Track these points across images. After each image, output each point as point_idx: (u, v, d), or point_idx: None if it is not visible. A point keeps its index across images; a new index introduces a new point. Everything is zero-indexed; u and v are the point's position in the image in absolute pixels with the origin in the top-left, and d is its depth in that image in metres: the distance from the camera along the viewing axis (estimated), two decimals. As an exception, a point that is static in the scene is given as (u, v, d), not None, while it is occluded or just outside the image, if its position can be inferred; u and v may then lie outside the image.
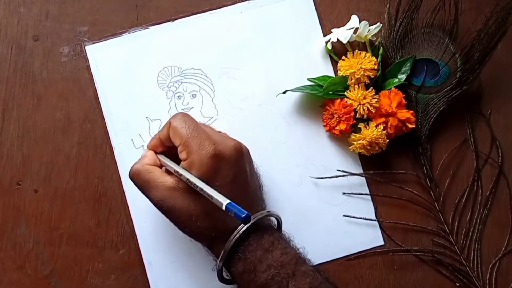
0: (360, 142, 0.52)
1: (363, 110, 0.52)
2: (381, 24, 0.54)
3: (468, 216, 0.55)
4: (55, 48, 0.55)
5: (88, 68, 0.55)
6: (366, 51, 0.54)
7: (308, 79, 0.55)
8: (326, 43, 0.55)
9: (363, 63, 0.52)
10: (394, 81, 0.53)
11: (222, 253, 0.45)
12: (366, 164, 0.55)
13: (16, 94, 0.54)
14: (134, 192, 0.53)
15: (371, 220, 0.54)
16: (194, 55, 0.55)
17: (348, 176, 0.54)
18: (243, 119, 0.55)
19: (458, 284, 0.54)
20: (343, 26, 0.54)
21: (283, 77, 0.55)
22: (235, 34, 0.56)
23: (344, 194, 0.54)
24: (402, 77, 0.53)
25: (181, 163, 0.46)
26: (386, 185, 0.54)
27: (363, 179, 0.55)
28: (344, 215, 0.54)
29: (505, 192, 0.55)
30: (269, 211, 0.47)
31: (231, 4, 0.56)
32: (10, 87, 0.54)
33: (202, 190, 0.43)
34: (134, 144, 0.54)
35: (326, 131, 0.54)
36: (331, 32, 0.55)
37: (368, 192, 0.54)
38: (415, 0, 0.54)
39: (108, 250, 0.54)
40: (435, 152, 0.55)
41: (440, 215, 0.54)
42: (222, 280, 0.47)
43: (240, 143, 0.48)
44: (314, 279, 0.44)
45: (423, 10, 0.54)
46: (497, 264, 0.54)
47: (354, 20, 0.54)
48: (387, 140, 0.52)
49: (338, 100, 0.53)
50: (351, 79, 0.52)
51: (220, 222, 0.45)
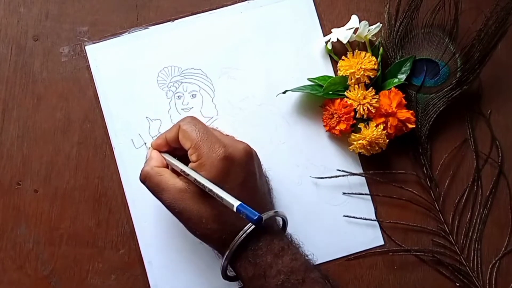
0: (360, 142, 0.52)
1: (363, 110, 0.52)
2: (381, 24, 0.54)
3: (468, 216, 0.55)
4: (55, 48, 0.55)
5: (88, 68, 0.55)
6: (366, 51, 0.54)
7: (308, 79, 0.55)
8: (326, 43, 0.55)
9: (363, 63, 0.52)
10: (394, 81, 0.53)
11: (228, 251, 0.45)
12: (366, 164, 0.55)
13: (16, 94, 0.54)
14: (134, 192, 0.53)
15: (371, 220, 0.54)
16: (194, 55, 0.55)
17: (348, 176, 0.54)
18: (243, 119, 0.55)
19: (458, 284, 0.54)
20: (343, 26, 0.54)
21: (283, 77, 0.55)
22: (235, 34, 0.56)
23: (344, 194, 0.54)
24: (402, 77, 0.53)
25: (190, 165, 0.46)
26: (386, 185, 0.54)
27: (363, 179, 0.55)
28: (344, 215, 0.54)
29: (505, 192, 0.55)
30: (276, 211, 0.47)
31: (231, 4, 0.56)
32: (10, 87, 0.54)
33: (211, 191, 0.43)
34: (134, 144, 0.54)
35: (326, 131, 0.54)
36: (331, 32, 0.54)
37: (368, 192, 0.54)
38: (415, 0, 0.54)
39: (108, 250, 0.54)
40: (435, 152, 0.55)
41: (440, 215, 0.54)
42: (226, 277, 0.47)
43: (249, 146, 0.48)
44: (324, 287, 0.44)
45: (423, 10, 0.54)
46: (497, 264, 0.54)
47: (354, 20, 0.54)
48: (387, 140, 0.52)
49: (338, 100, 0.53)
50: (351, 79, 0.52)
51: (230, 225, 0.45)
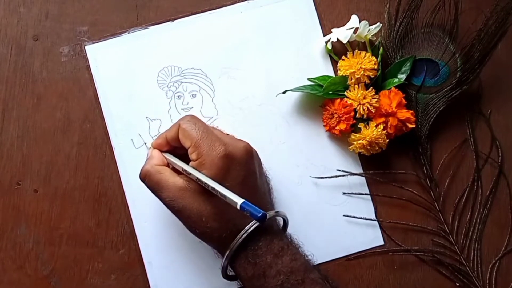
0: (360, 142, 0.52)
1: (363, 110, 0.52)
2: (381, 24, 0.54)
3: (468, 216, 0.55)
4: (55, 48, 0.55)
5: (88, 68, 0.55)
6: (366, 51, 0.54)
7: (308, 79, 0.55)
8: (326, 43, 0.55)
9: (363, 63, 0.52)
10: (394, 81, 0.53)
11: (228, 250, 0.45)
12: (366, 164, 0.55)
13: (16, 94, 0.54)
14: (134, 192, 0.53)
15: (371, 220, 0.54)
16: (194, 55, 0.55)
17: (348, 176, 0.54)
18: (243, 119, 0.55)
19: (458, 284, 0.54)
20: (343, 26, 0.54)
21: (283, 77, 0.55)
22: (235, 34, 0.56)
23: (344, 194, 0.54)
24: (402, 77, 0.53)
25: (190, 163, 0.46)
26: (386, 185, 0.54)
27: (363, 179, 0.55)
28: (344, 215, 0.54)
29: (505, 192, 0.55)
30: (277, 211, 0.47)
31: (231, 4, 0.56)
32: (10, 87, 0.54)
33: (214, 189, 0.42)
34: (134, 144, 0.54)
35: (326, 131, 0.54)
36: (331, 32, 0.54)
37: (368, 192, 0.54)
38: (415, 0, 0.54)
39: (108, 250, 0.54)
40: (435, 152, 0.55)
41: (440, 215, 0.54)
42: (226, 276, 0.47)
43: (249, 144, 0.48)
44: (324, 287, 0.44)
45: (423, 10, 0.54)
46: (497, 264, 0.54)
47: (354, 20, 0.54)
48: (387, 140, 0.52)
49: (338, 100, 0.53)
50: (351, 79, 0.52)
51: (230, 223, 0.45)
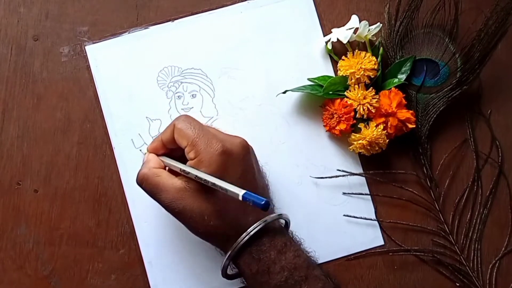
0: (360, 142, 0.52)
1: (363, 110, 0.52)
2: (381, 24, 0.54)
3: (468, 216, 0.55)
4: (55, 48, 0.55)
5: (88, 68, 0.55)
6: (366, 51, 0.54)
7: (308, 79, 0.55)
8: (326, 43, 0.55)
9: (363, 63, 0.52)
10: (394, 81, 0.53)
11: (230, 251, 0.45)
12: (366, 164, 0.55)
13: (16, 94, 0.54)
14: (134, 192, 0.53)
15: (371, 220, 0.54)
16: (194, 55, 0.55)
17: (348, 176, 0.54)
18: (243, 119, 0.55)
19: (458, 284, 0.54)
20: (343, 26, 0.54)
21: (283, 77, 0.55)
22: (235, 34, 0.56)
23: (344, 194, 0.54)
24: (402, 77, 0.53)
25: (188, 163, 0.46)
26: (386, 185, 0.54)
27: (363, 179, 0.55)
28: (344, 215, 0.54)
29: (505, 192, 0.55)
30: (280, 214, 0.47)
31: (231, 4, 0.56)
32: (10, 87, 0.54)
33: (214, 184, 0.42)
34: (134, 144, 0.54)
35: (326, 131, 0.54)
36: (331, 32, 0.54)
37: (368, 192, 0.54)
38: (415, 0, 0.54)
39: (108, 250, 0.53)
40: (435, 152, 0.55)
41: (440, 215, 0.54)
42: (226, 275, 0.47)
43: (245, 140, 0.48)
44: (326, 284, 0.44)
45: (423, 10, 0.54)
46: (497, 264, 0.54)
47: (354, 20, 0.54)
48: (387, 140, 0.52)
49: (338, 100, 0.53)
50: (351, 79, 0.52)
51: (233, 220, 0.45)
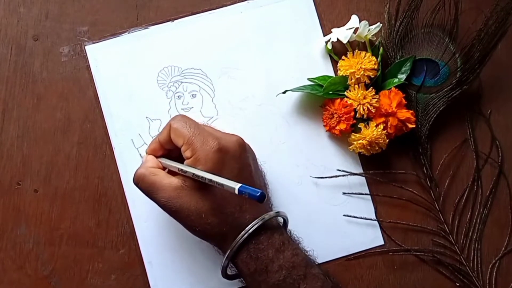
0: (360, 142, 0.52)
1: (363, 110, 0.52)
2: (381, 24, 0.54)
3: (468, 216, 0.55)
4: (55, 48, 0.55)
5: (88, 68, 0.55)
6: (366, 51, 0.54)
7: (308, 79, 0.55)
8: (326, 43, 0.55)
9: (363, 63, 0.52)
10: (394, 81, 0.53)
11: (229, 250, 0.45)
12: (366, 164, 0.55)
13: (16, 94, 0.54)
14: (134, 192, 0.53)
15: (371, 220, 0.54)
16: (194, 55, 0.55)
17: (348, 176, 0.54)
18: (243, 119, 0.55)
19: (458, 284, 0.54)
20: (343, 26, 0.54)
21: (283, 77, 0.55)
22: (235, 34, 0.56)
23: (344, 194, 0.54)
24: (402, 77, 0.53)
25: (185, 162, 0.46)
26: (386, 185, 0.54)
27: (363, 179, 0.55)
28: (344, 215, 0.54)
29: (505, 192, 0.55)
30: (277, 212, 0.47)
31: (231, 4, 0.56)
32: (10, 87, 0.54)
33: (211, 181, 0.42)
34: (134, 144, 0.54)
35: (326, 131, 0.54)
36: (331, 32, 0.54)
37: (368, 192, 0.54)
38: (415, 0, 0.54)
39: (108, 250, 0.53)
40: (435, 152, 0.55)
41: (440, 215, 0.54)
42: (226, 276, 0.47)
43: (242, 138, 0.48)
44: (325, 283, 0.44)
45: (423, 10, 0.54)
46: (497, 264, 0.54)
47: (354, 20, 0.54)
48: (387, 140, 0.52)
49: (338, 100, 0.53)
50: (351, 79, 0.52)
51: (230, 217, 0.45)
